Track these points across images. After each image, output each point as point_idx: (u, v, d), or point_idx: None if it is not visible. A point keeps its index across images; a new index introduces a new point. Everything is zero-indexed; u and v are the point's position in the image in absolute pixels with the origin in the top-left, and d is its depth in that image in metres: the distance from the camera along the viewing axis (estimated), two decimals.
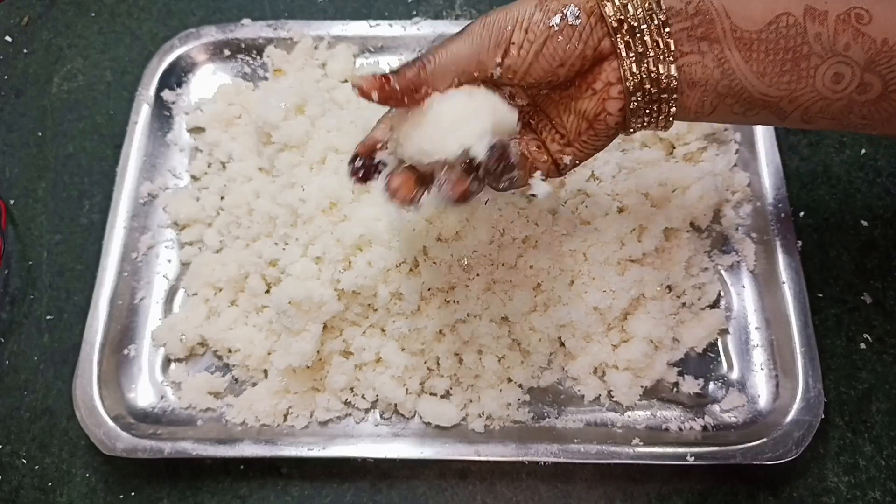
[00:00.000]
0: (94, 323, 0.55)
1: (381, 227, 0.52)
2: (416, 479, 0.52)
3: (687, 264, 0.55)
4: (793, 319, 0.53)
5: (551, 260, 0.54)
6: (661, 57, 0.38)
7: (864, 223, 0.59)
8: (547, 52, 0.39)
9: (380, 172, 0.41)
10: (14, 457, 0.54)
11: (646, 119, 0.41)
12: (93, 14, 0.71)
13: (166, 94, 0.64)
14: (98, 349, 0.54)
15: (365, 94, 0.38)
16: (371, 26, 0.65)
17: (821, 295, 0.56)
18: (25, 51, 0.69)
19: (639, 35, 0.38)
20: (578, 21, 0.38)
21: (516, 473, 0.52)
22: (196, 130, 0.64)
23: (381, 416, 0.53)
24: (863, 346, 0.55)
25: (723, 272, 0.57)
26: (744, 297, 0.56)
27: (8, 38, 0.70)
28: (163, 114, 0.64)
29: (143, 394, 0.55)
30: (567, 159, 0.42)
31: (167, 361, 0.56)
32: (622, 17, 0.38)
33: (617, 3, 0.38)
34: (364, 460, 0.52)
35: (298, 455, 0.50)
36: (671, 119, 0.41)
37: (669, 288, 0.55)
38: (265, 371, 0.54)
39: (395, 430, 0.53)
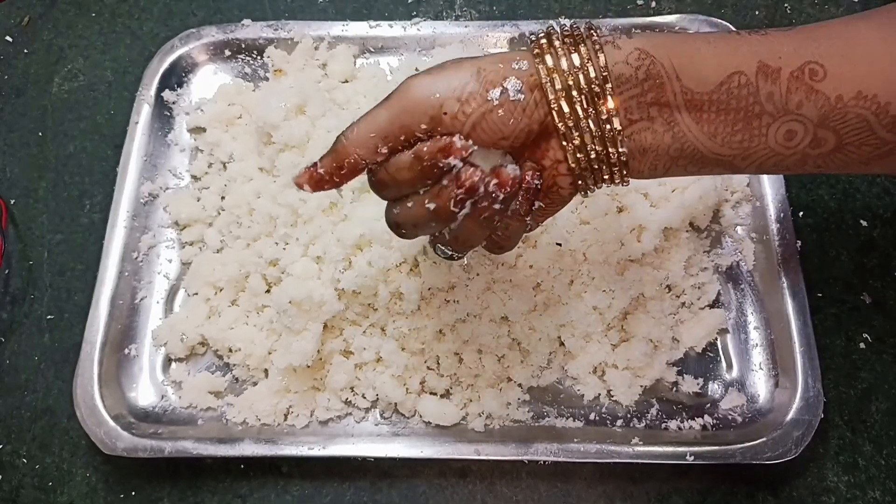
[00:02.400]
0: (94, 322, 0.55)
1: (381, 226, 0.52)
2: (416, 478, 0.52)
3: (686, 264, 0.56)
4: (792, 319, 0.53)
5: (551, 260, 0.54)
6: (609, 138, 0.37)
7: (864, 223, 0.59)
8: (486, 125, 0.36)
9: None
10: (14, 456, 0.54)
11: (599, 186, 0.39)
12: (93, 14, 0.71)
13: (167, 94, 0.64)
14: (99, 349, 0.54)
15: (299, 186, 0.38)
16: (371, 27, 0.65)
17: (820, 295, 0.56)
18: (26, 51, 0.69)
19: (583, 119, 0.36)
20: (522, 97, 0.36)
21: (516, 472, 0.52)
22: (197, 130, 0.64)
23: (381, 416, 0.54)
24: (862, 345, 0.55)
25: (722, 272, 0.57)
26: (743, 297, 0.56)
27: (8, 38, 0.70)
28: (163, 114, 0.64)
29: (144, 393, 0.55)
30: (531, 224, 0.41)
31: (168, 361, 0.56)
32: (563, 103, 0.36)
33: (559, 83, 0.36)
34: (364, 459, 0.52)
35: (299, 454, 0.50)
36: (627, 181, 0.40)
37: (669, 288, 0.56)
38: (266, 370, 0.54)
39: (396, 429, 0.53)
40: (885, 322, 0.55)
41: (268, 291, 0.55)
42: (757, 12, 0.68)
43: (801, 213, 0.59)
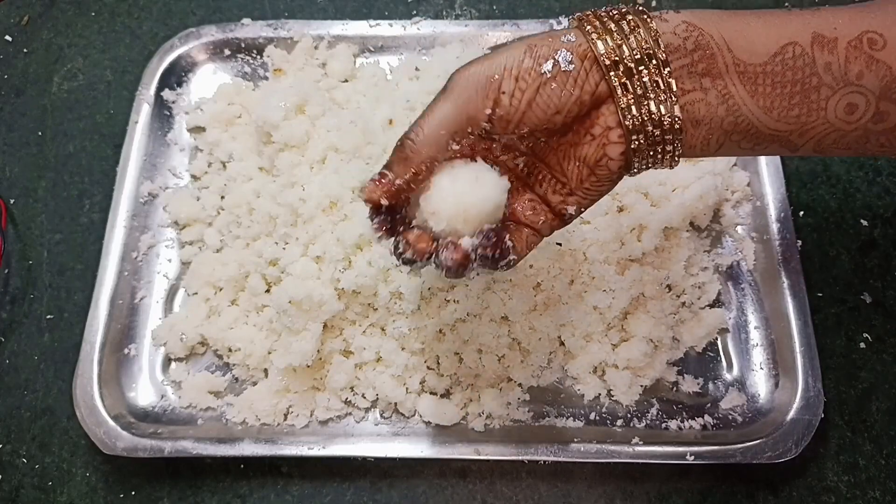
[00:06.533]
0: (94, 322, 0.55)
1: None
2: (416, 478, 0.52)
3: (686, 263, 0.56)
4: (792, 319, 0.53)
5: (551, 260, 0.54)
6: (663, 97, 0.36)
7: (864, 223, 0.59)
8: (541, 100, 0.37)
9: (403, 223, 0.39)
10: (14, 456, 0.54)
11: (649, 160, 0.38)
12: (93, 13, 0.71)
13: (166, 94, 0.64)
14: (98, 348, 0.54)
15: (374, 202, 0.37)
16: (371, 26, 0.65)
17: (821, 294, 0.56)
18: (25, 50, 0.69)
19: (636, 76, 0.36)
20: (572, 66, 0.36)
21: (516, 472, 0.52)
22: (196, 130, 0.64)
23: (381, 416, 0.54)
24: (862, 345, 0.55)
25: (722, 271, 0.57)
26: (743, 297, 0.56)
27: (8, 38, 0.70)
28: (163, 113, 0.64)
29: (144, 393, 0.55)
30: (571, 209, 0.40)
31: (167, 361, 0.56)
32: (616, 59, 0.36)
33: (610, 43, 0.36)
34: (364, 459, 0.52)
35: (298, 454, 0.50)
36: (677, 158, 0.39)
37: (669, 287, 0.56)
38: (265, 370, 0.54)
39: (395, 429, 0.53)
40: (885, 322, 0.55)
41: (267, 291, 0.55)
42: None
43: (801, 213, 0.59)
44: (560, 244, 0.54)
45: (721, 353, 0.55)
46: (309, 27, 0.65)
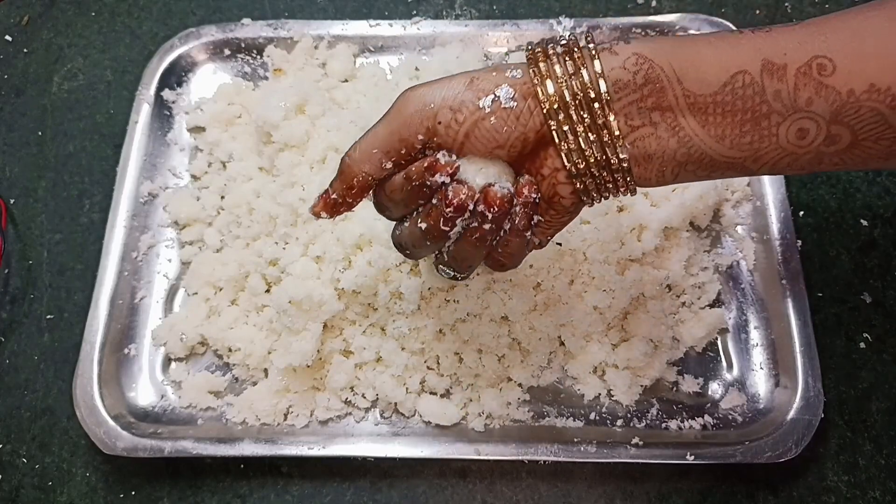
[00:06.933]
0: (94, 322, 0.55)
1: (382, 226, 0.52)
2: (416, 478, 0.52)
3: (686, 263, 0.56)
4: (792, 319, 0.53)
5: (551, 260, 0.54)
6: (607, 140, 0.36)
7: (864, 223, 0.59)
8: (479, 133, 0.36)
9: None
10: (14, 456, 0.54)
11: (604, 194, 0.39)
12: (93, 13, 0.71)
13: (166, 94, 0.64)
14: (98, 348, 0.54)
15: (318, 216, 0.40)
16: (371, 26, 0.65)
17: (821, 294, 0.56)
18: (25, 50, 0.69)
19: (578, 122, 0.36)
20: (514, 104, 0.36)
21: (516, 472, 0.52)
22: (196, 130, 0.64)
23: (381, 416, 0.54)
24: (862, 345, 0.55)
25: (722, 271, 0.57)
26: (743, 297, 0.56)
27: (8, 38, 0.70)
28: (163, 113, 0.64)
29: (144, 393, 0.55)
30: (535, 239, 0.41)
31: (167, 361, 0.56)
32: (557, 106, 0.36)
33: (552, 88, 0.36)
34: (364, 459, 0.52)
35: (299, 454, 0.50)
36: (633, 189, 0.39)
37: (669, 287, 0.56)
38: (265, 370, 0.54)
39: (395, 429, 0.53)
40: (885, 322, 0.55)
41: (267, 291, 0.55)
42: (757, 12, 0.68)
43: (801, 213, 0.59)
44: (560, 244, 0.54)
45: (721, 353, 0.55)
46: (309, 27, 0.65)
